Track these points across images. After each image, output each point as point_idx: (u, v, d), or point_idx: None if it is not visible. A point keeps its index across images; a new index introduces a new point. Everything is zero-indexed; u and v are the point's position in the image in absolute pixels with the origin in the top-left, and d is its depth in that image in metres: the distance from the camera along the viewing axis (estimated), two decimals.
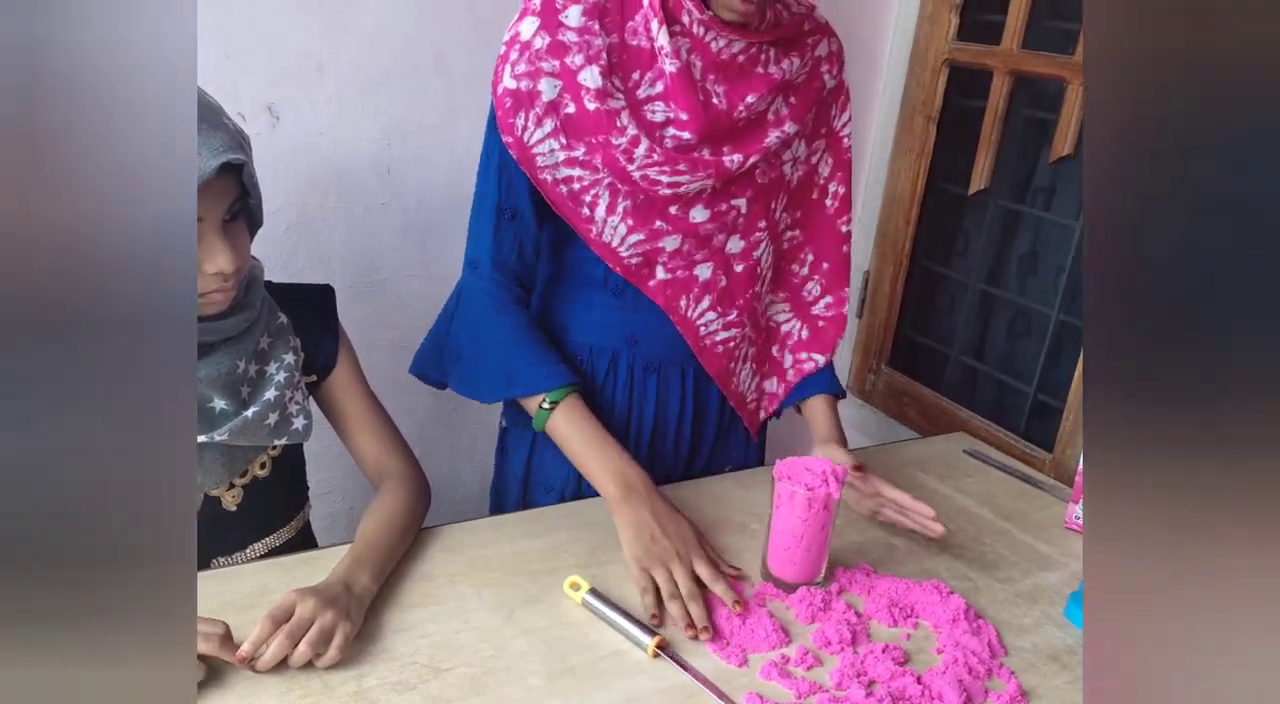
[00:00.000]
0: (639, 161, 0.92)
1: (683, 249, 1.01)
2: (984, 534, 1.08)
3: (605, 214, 0.98)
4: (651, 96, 0.93)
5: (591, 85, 0.90)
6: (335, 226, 1.30)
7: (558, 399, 0.97)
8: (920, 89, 1.56)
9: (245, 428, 0.84)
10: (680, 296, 1.04)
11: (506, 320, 0.99)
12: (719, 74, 0.94)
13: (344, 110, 1.24)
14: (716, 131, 0.94)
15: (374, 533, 0.87)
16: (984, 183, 1.49)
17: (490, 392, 1.01)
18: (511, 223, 0.99)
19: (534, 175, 0.95)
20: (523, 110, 0.92)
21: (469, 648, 0.80)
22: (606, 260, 1.00)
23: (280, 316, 0.90)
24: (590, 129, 0.92)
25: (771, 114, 0.99)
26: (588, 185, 0.96)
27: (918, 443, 1.38)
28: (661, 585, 0.86)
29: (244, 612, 0.82)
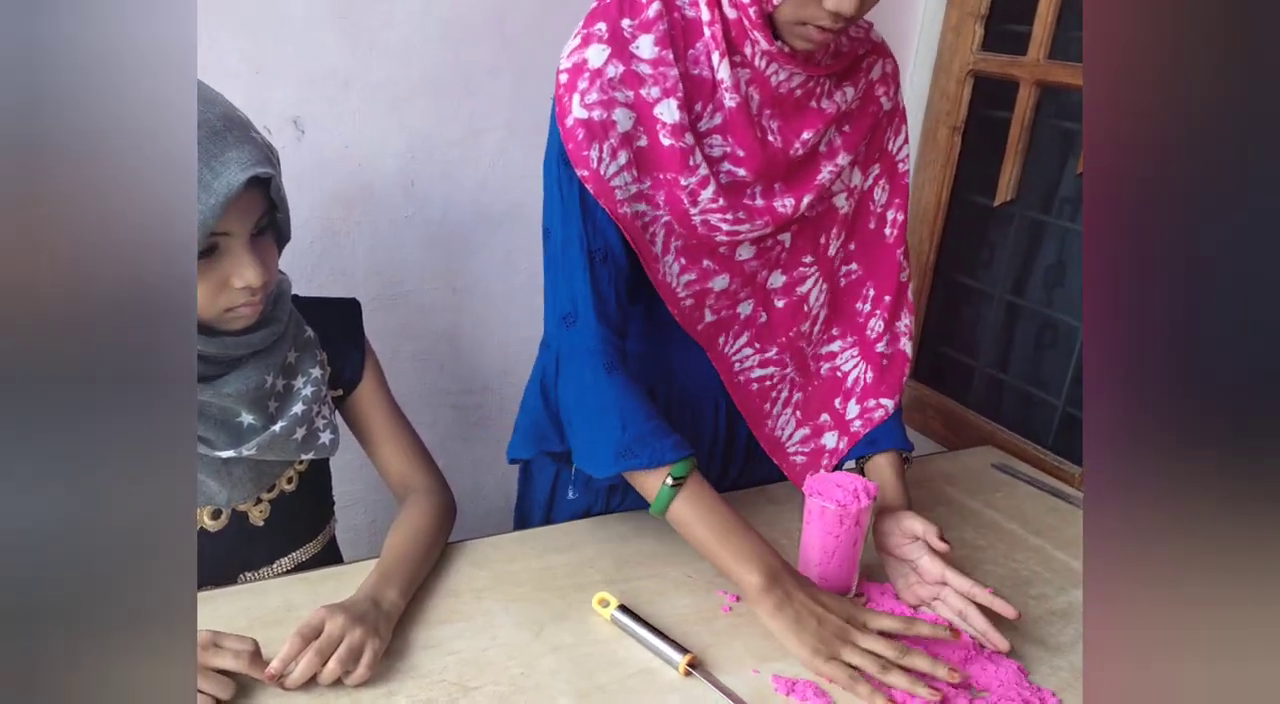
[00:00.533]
0: (703, 204, 0.88)
1: (730, 289, 0.97)
2: (1015, 551, 1.07)
3: (662, 252, 0.92)
4: (711, 129, 0.88)
5: (669, 120, 0.85)
6: (359, 240, 1.31)
7: (681, 474, 0.86)
8: (945, 100, 1.55)
9: (273, 443, 0.83)
10: (719, 335, 1.01)
11: (619, 381, 0.88)
12: (775, 109, 0.89)
13: (369, 125, 1.25)
14: (771, 170, 0.90)
15: (401, 548, 0.86)
16: (1010, 194, 1.47)
17: (605, 463, 0.87)
18: (605, 264, 0.89)
19: (613, 210, 0.86)
20: (597, 141, 0.84)
21: (497, 665, 0.79)
22: (667, 302, 0.94)
23: (307, 330, 0.90)
24: (662, 165, 0.87)
25: (824, 146, 0.94)
26: (650, 221, 0.90)
27: (944, 457, 1.37)
28: (862, 667, 0.77)
29: (271, 627, 0.81)
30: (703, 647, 0.84)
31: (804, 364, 1.07)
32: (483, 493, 1.56)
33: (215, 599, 0.85)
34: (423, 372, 1.43)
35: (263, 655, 0.73)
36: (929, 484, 1.22)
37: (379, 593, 0.80)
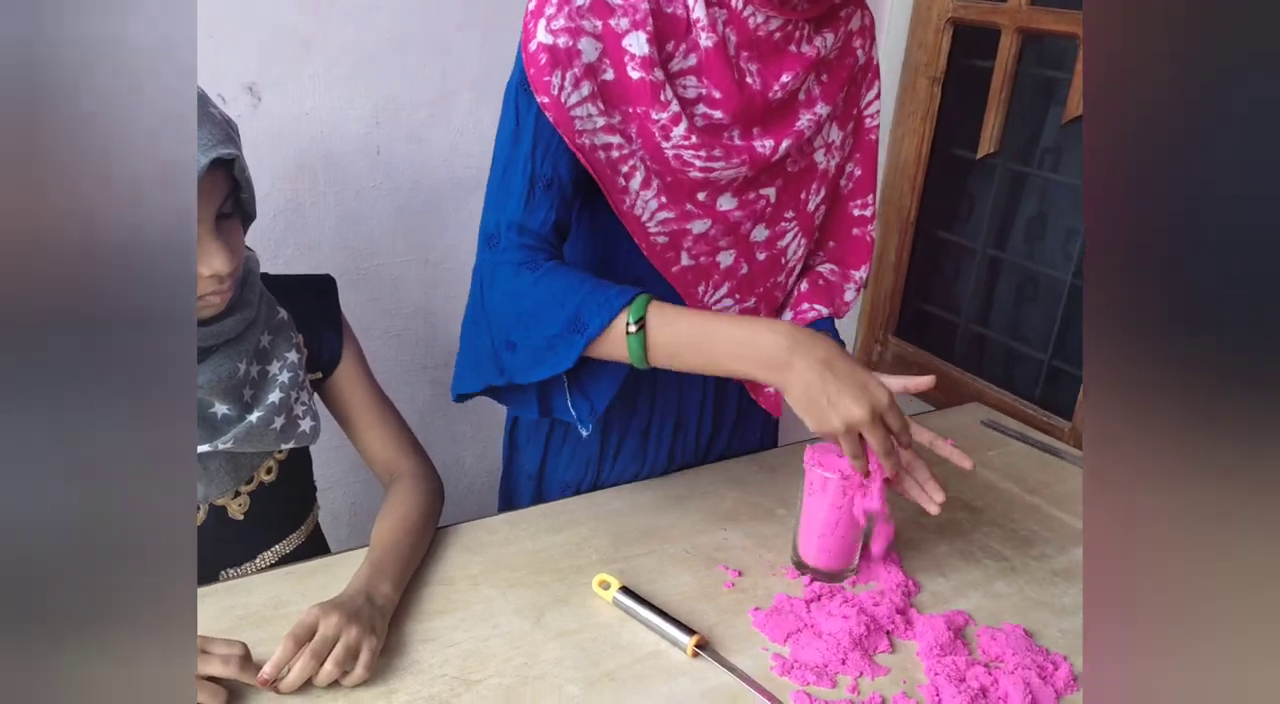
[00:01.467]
0: (675, 140, 0.86)
1: (709, 234, 0.95)
2: (1013, 510, 1.06)
3: (640, 187, 0.90)
4: (684, 69, 0.86)
5: (638, 52, 0.83)
6: (325, 212, 1.24)
7: (640, 315, 0.81)
8: (923, 50, 1.51)
9: (250, 434, 0.79)
10: (699, 282, 0.99)
11: (544, 272, 0.85)
12: (753, 52, 0.87)
13: (331, 89, 1.18)
14: (750, 113, 0.88)
15: (391, 538, 0.83)
16: (993, 146, 1.45)
17: (565, 352, 0.84)
18: (548, 191, 0.86)
19: (572, 140, 0.84)
20: (559, 68, 0.82)
21: (500, 656, 0.76)
22: (634, 234, 0.92)
23: (280, 312, 0.85)
24: (631, 99, 0.85)
25: (803, 94, 0.93)
26: (625, 156, 0.88)
27: (933, 416, 1.36)
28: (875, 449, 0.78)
29: (259, 627, 0.78)
30: (709, 625, 0.82)
31: (773, 307, 1.07)
32: (464, 468, 1.52)
33: (198, 599, 0.81)
34: (398, 347, 1.38)
35: (253, 659, 0.69)
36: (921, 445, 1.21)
37: (372, 587, 0.76)
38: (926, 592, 0.89)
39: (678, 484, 1.06)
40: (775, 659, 0.78)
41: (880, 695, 0.74)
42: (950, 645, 0.80)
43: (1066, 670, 0.77)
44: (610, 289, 0.83)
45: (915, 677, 0.77)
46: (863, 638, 0.79)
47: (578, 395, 0.93)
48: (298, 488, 0.92)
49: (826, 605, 0.84)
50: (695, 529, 0.97)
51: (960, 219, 1.61)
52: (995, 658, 0.80)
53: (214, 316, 0.76)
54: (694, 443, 1.10)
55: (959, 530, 1.00)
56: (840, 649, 0.78)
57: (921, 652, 0.80)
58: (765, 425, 1.18)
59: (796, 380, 0.77)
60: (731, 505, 1.02)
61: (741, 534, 0.97)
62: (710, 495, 1.04)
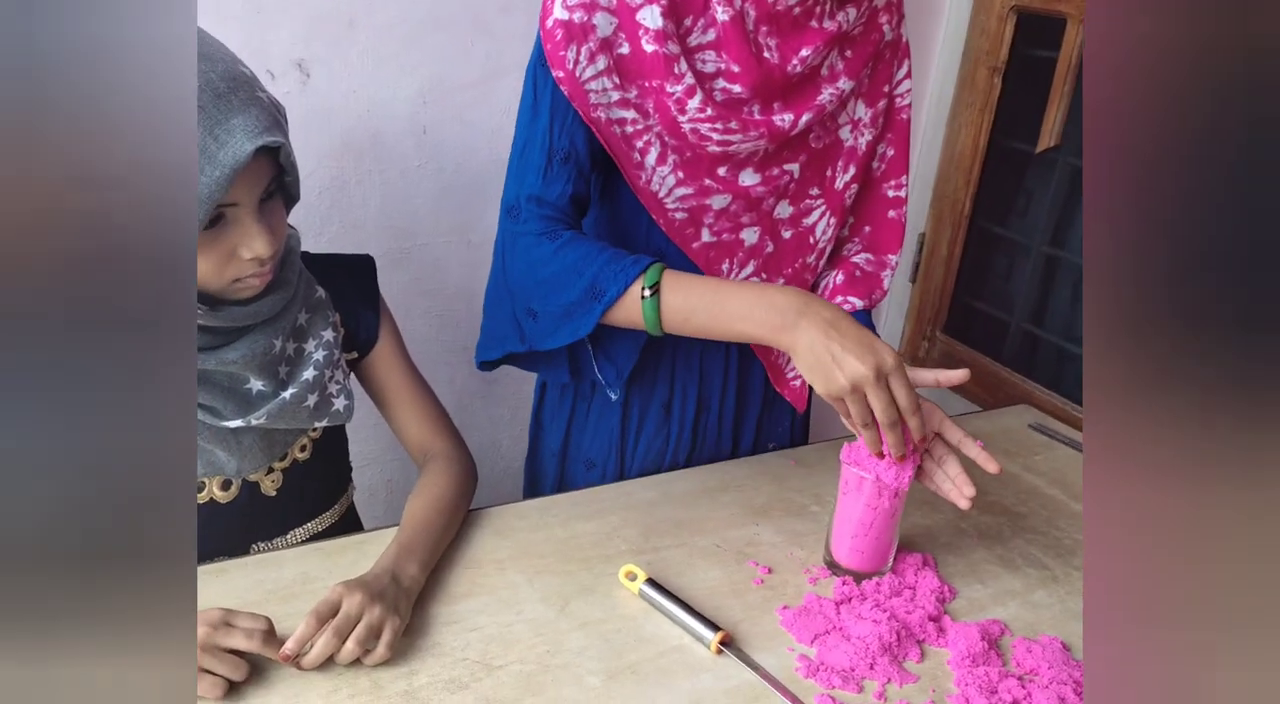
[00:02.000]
0: (690, 114, 0.86)
1: (730, 209, 0.94)
2: (1058, 518, 1.02)
3: (656, 162, 0.90)
4: (702, 44, 0.86)
5: (652, 26, 0.83)
6: (370, 191, 1.25)
7: (655, 280, 0.83)
8: (984, 38, 1.46)
9: (284, 410, 0.79)
10: (723, 259, 0.98)
11: (564, 242, 0.86)
12: (772, 26, 0.86)
13: (378, 68, 1.18)
14: (769, 87, 0.87)
15: (421, 518, 0.83)
16: (1054, 139, 1.40)
17: (583, 319, 0.86)
18: (565, 164, 0.88)
19: (586, 113, 0.86)
20: (574, 43, 0.83)
21: (523, 642, 0.76)
22: (651, 210, 0.92)
23: (318, 290, 0.85)
24: (646, 72, 0.85)
25: (825, 69, 0.91)
26: (640, 131, 0.89)
27: (979, 417, 1.32)
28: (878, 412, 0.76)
29: (287, 601, 0.78)
30: (734, 622, 0.80)
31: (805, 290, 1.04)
32: (500, 450, 1.52)
33: (227, 571, 0.81)
34: (438, 328, 1.38)
35: (277, 634, 0.70)
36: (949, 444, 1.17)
37: (398, 567, 0.76)
38: (962, 598, 0.87)
39: (711, 476, 1.04)
40: (801, 660, 0.76)
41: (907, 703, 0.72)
42: (983, 656, 0.77)
43: None
44: (627, 258, 0.85)
45: (945, 686, 0.75)
46: (893, 644, 0.77)
47: (603, 360, 0.96)
48: (332, 467, 0.92)
49: (857, 608, 0.82)
50: (727, 523, 0.96)
51: (1016, 214, 1.56)
52: (1030, 671, 0.77)
53: (252, 297, 0.76)
54: (717, 424, 1.09)
55: (999, 536, 0.97)
56: (869, 653, 0.76)
57: (953, 661, 0.77)
58: (795, 416, 1.16)
59: (802, 339, 0.77)
60: (765, 500, 1.00)
61: (773, 530, 0.95)
62: (744, 488, 1.02)
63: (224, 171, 0.66)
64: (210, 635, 0.66)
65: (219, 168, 0.66)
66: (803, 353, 0.78)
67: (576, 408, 1.08)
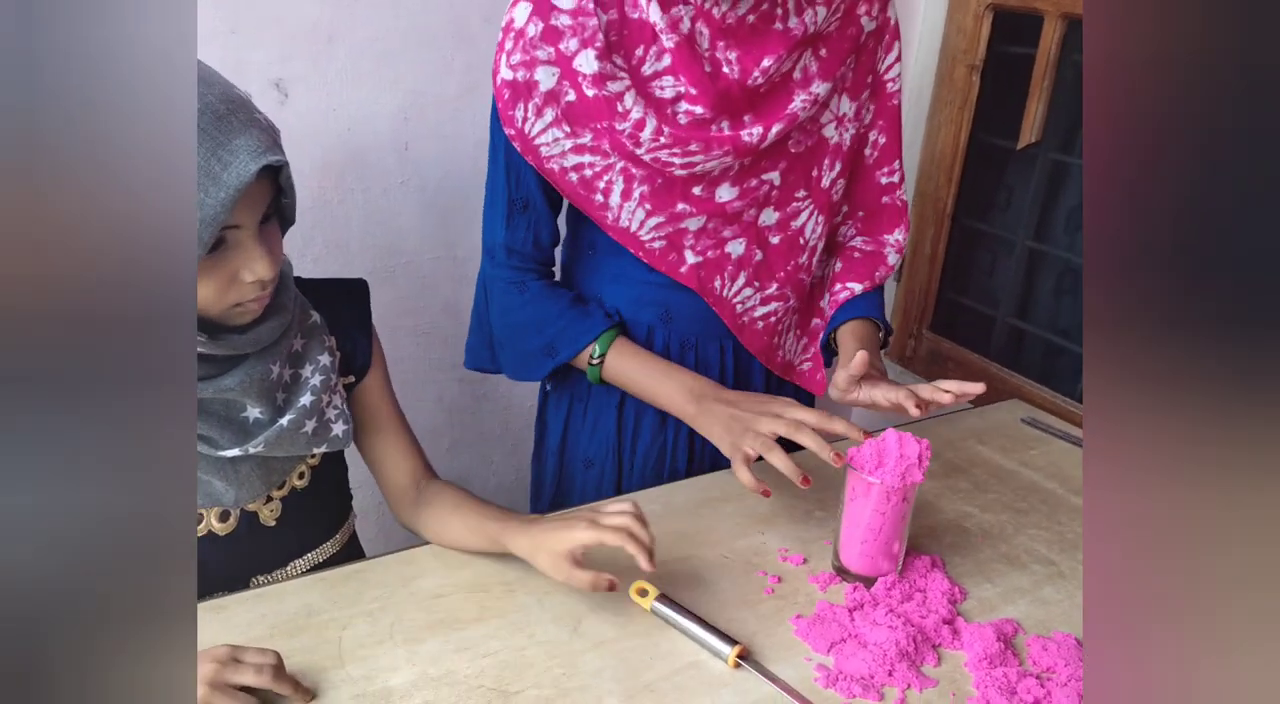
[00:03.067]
0: (646, 144, 0.87)
1: (708, 227, 0.95)
2: (1059, 512, 1.03)
3: (621, 200, 0.92)
4: (659, 71, 0.87)
5: (588, 71, 0.85)
6: (352, 210, 1.23)
7: (604, 349, 0.96)
8: (961, 36, 1.47)
9: (282, 437, 0.77)
10: (714, 277, 0.98)
11: (531, 296, 0.98)
12: (729, 39, 0.86)
13: (357, 84, 1.16)
14: (730, 102, 0.88)
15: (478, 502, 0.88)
16: (1035, 135, 1.41)
17: (538, 369, 1.00)
18: (524, 213, 0.96)
19: (540, 166, 0.92)
20: (521, 101, 0.88)
21: (538, 666, 0.75)
22: (628, 246, 0.95)
23: (313, 315, 0.83)
24: (593, 116, 0.87)
25: (798, 73, 0.90)
26: (600, 171, 0.91)
27: (971, 413, 1.32)
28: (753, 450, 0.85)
29: (292, 636, 0.76)
30: (749, 634, 0.80)
31: (802, 291, 1.06)
32: (493, 466, 1.51)
33: (228, 607, 0.79)
34: (426, 346, 1.36)
35: (286, 669, 0.68)
36: (960, 443, 1.18)
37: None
38: (973, 598, 0.86)
39: (712, 485, 1.03)
40: (819, 670, 0.75)
41: None
42: (1000, 656, 0.77)
43: None
44: (583, 322, 0.97)
45: (964, 689, 0.75)
46: (909, 649, 0.76)
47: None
48: (332, 494, 0.90)
49: (870, 614, 0.81)
50: (732, 533, 0.95)
51: (998, 210, 1.57)
52: (1047, 669, 0.77)
53: (250, 322, 0.74)
54: None
55: (1003, 534, 0.98)
56: (887, 660, 0.75)
57: (970, 663, 0.77)
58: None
59: (714, 424, 0.89)
60: (768, 508, 1.00)
61: (779, 538, 0.94)
62: (746, 497, 1.01)
63: (229, 193, 0.64)
64: (219, 673, 0.64)
65: (223, 189, 0.64)
66: (719, 434, 0.89)
67: (574, 408, 1.08)
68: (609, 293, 1.02)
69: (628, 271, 0.99)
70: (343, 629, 0.78)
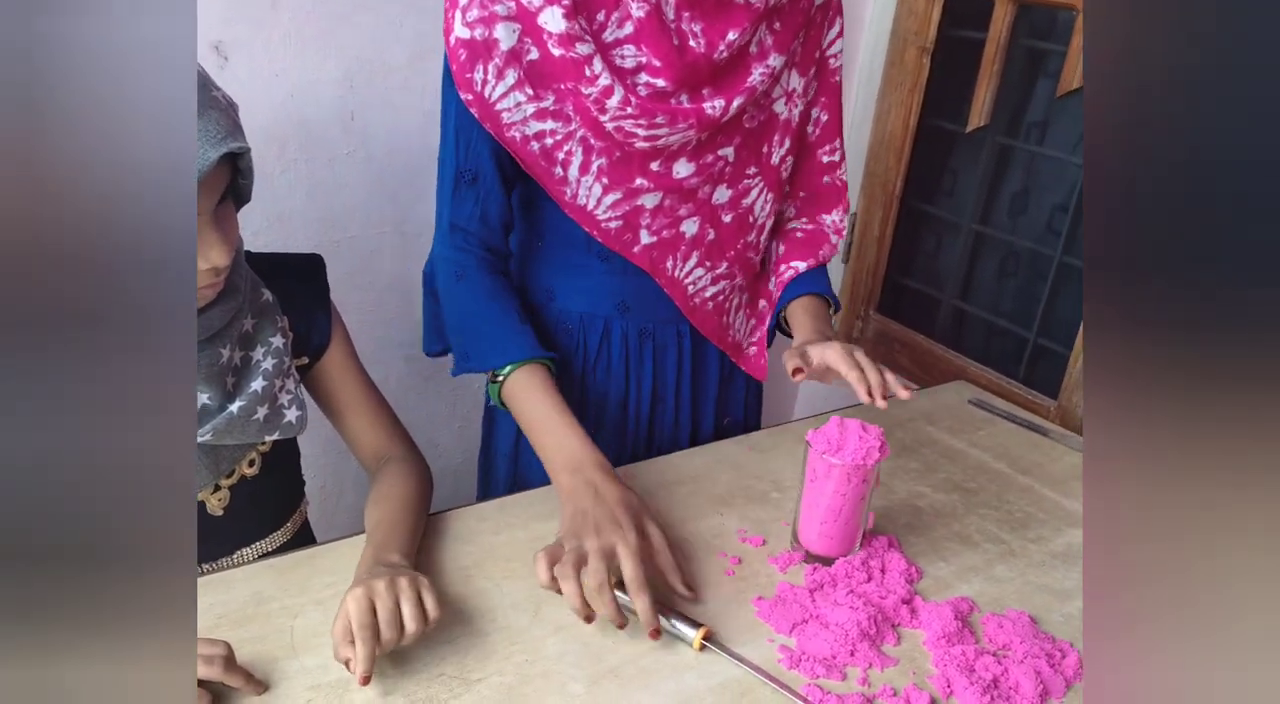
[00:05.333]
0: (612, 112, 0.83)
1: (664, 205, 0.93)
2: (1007, 491, 1.05)
3: (579, 174, 0.89)
4: (620, 39, 0.84)
5: (555, 29, 0.80)
6: (296, 181, 1.18)
7: (508, 373, 0.89)
8: (912, 18, 1.47)
9: (231, 425, 0.74)
10: (667, 257, 0.97)
11: (464, 291, 0.92)
12: (695, 10, 0.84)
13: (301, 50, 1.11)
14: (694, 76, 0.85)
15: (390, 518, 0.79)
16: (984, 119, 1.42)
17: (460, 366, 0.95)
18: (472, 186, 0.90)
19: (500, 134, 0.86)
20: (480, 62, 0.82)
21: (499, 653, 0.73)
22: (584, 226, 0.92)
23: (265, 293, 0.80)
24: (559, 75, 0.83)
25: (754, 47, 0.89)
26: (561, 140, 0.87)
27: (919, 395, 1.34)
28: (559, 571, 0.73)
29: (241, 625, 0.74)
30: (712, 615, 0.79)
31: (750, 269, 1.05)
32: (439, 449, 1.48)
33: None
34: (372, 324, 1.32)
35: (237, 660, 0.65)
36: (910, 424, 1.19)
37: (382, 560, 0.73)
38: (929, 577, 0.88)
39: (669, 468, 1.03)
40: (782, 651, 0.76)
41: (891, 688, 0.73)
42: (958, 635, 0.78)
43: (1075, 658, 0.77)
44: (501, 344, 0.89)
45: (924, 667, 0.76)
46: (870, 629, 0.77)
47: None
48: (283, 482, 0.87)
49: (831, 594, 0.82)
50: (691, 515, 0.94)
51: (944, 193, 1.59)
52: (1003, 646, 0.79)
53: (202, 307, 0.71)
54: (674, 415, 1.08)
55: (954, 513, 0.99)
56: (848, 640, 0.76)
57: (929, 641, 0.78)
58: (749, 393, 1.15)
59: (568, 502, 0.80)
60: (725, 489, 1.00)
61: (738, 518, 0.94)
62: (702, 479, 1.01)
63: None
64: None
65: None
66: (570, 514, 0.79)
67: None
68: (561, 286, 0.99)
69: (577, 261, 0.97)
70: (294, 618, 0.75)
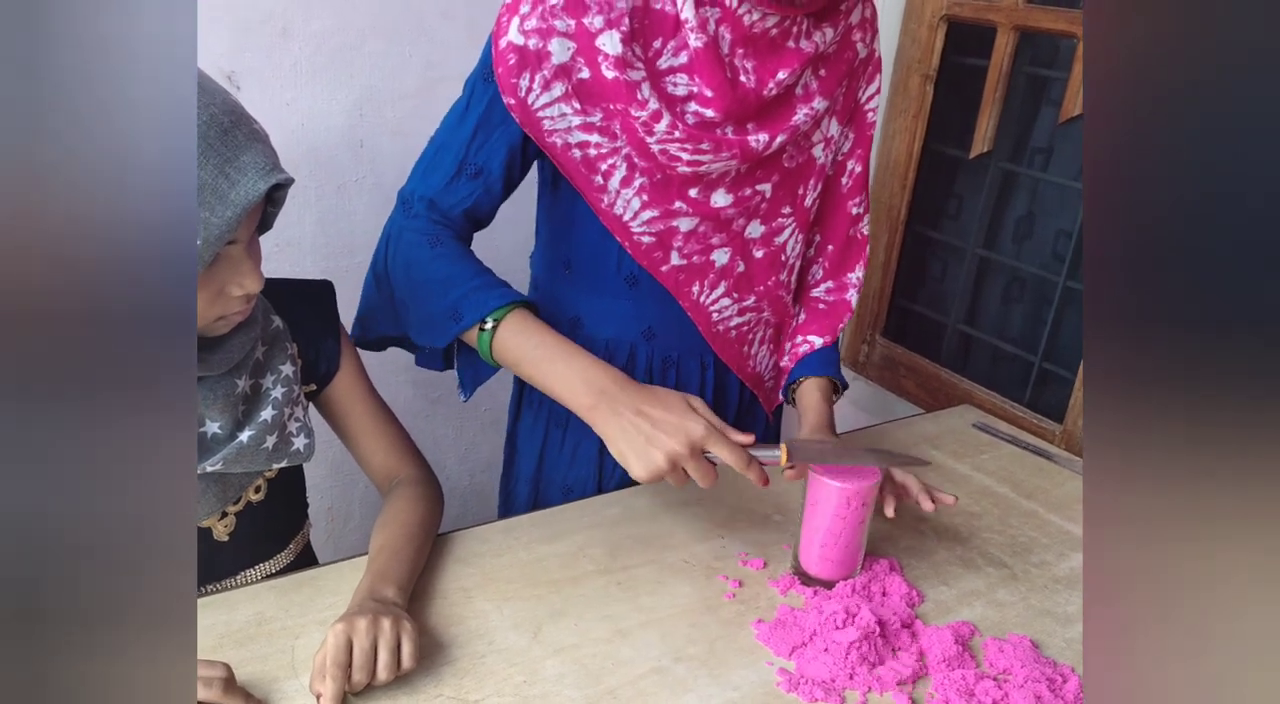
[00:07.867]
0: (659, 136, 0.85)
1: (698, 231, 0.93)
2: (1010, 516, 1.05)
3: (620, 186, 0.90)
4: (674, 68, 0.85)
5: (611, 52, 0.82)
6: (306, 208, 1.20)
7: (501, 317, 0.85)
8: (916, 47, 1.49)
9: (240, 454, 0.74)
10: (693, 282, 0.97)
11: (443, 250, 0.88)
12: (749, 48, 0.86)
13: (312, 79, 1.13)
14: (743, 110, 0.87)
15: (391, 546, 0.79)
16: (987, 145, 1.43)
17: (443, 334, 0.88)
18: (473, 180, 0.89)
19: (541, 139, 0.87)
20: (528, 70, 0.83)
21: (498, 674, 0.73)
22: (615, 234, 0.92)
23: (275, 320, 0.81)
24: (609, 96, 0.84)
25: (800, 89, 0.91)
26: (605, 154, 0.88)
27: (924, 419, 1.34)
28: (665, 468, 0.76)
29: (243, 645, 0.74)
30: (711, 639, 0.79)
31: (779, 305, 1.06)
32: (446, 472, 1.48)
33: None
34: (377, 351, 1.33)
35: (238, 680, 0.66)
36: (914, 447, 1.20)
37: (376, 594, 0.73)
38: (930, 601, 0.87)
39: (671, 490, 1.03)
40: (781, 674, 0.75)
41: None
42: (958, 659, 0.78)
43: (1075, 683, 0.76)
44: (492, 290, 0.86)
45: (924, 691, 0.75)
46: (869, 652, 0.77)
47: (465, 358, 0.95)
48: (287, 507, 0.88)
49: (831, 618, 0.82)
50: (693, 537, 0.95)
51: (949, 218, 1.59)
52: (1003, 670, 0.78)
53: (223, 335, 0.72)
54: None
55: (958, 536, 0.99)
56: (848, 664, 0.76)
57: (929, 665, 0.78)
58: (766, 426, 1.16)
59: (613, 424, 0.78)
60: (727, 513, 1.00)
61: (739, 542, 0.94)
62: (705, 502, 1.02)
63: (235, 211, 0.62)
64: None
65: (231, 207, 0.61)
66: (615, 437, 0.78)
67: (550, 434, 1.05)
68: (588, 311, 1.00)
69: (610, 287, 0.98)
70: (295, 638, 0.75)
